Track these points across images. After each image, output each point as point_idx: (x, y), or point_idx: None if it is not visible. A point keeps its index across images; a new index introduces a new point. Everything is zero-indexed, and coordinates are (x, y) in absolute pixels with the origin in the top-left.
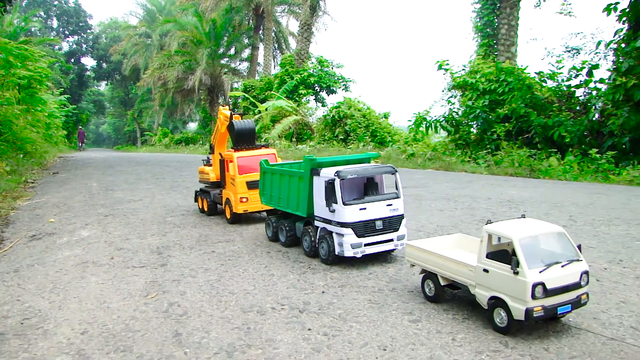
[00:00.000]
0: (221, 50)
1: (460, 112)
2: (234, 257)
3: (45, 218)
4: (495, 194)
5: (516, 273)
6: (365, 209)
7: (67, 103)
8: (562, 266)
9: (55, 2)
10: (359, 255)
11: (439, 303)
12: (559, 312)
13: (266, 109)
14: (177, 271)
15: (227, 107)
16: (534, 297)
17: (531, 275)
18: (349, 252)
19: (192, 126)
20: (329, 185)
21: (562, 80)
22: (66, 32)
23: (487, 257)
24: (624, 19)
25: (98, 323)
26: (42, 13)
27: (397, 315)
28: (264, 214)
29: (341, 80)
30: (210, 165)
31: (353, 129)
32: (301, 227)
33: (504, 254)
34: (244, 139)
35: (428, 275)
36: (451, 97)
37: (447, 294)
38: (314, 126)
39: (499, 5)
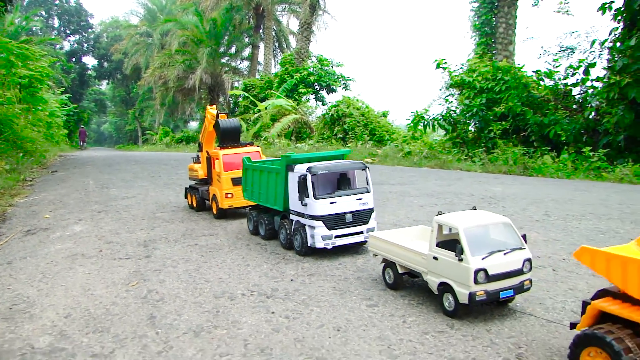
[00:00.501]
0: (222, 49)
1: (458, 111)
2: (215, 249)
3: (40, 214)
4: (479, 190)
5: (460, 260)
6: (335, 202)
7: (68, 102)
8: (505, 254)
9: (57, 2)
10: (329, 247)
11: (398, 290)
12: (501, 297)
13: (266, 108)
14: (159, 262)
15: (214, 106)
16: (476, 282)
17: (474, 262)
18: (320, 244)
19: (193, 125)
20: (302, 180)
21: (559, 79)
22: (67, 32)
23: (437, 246)
24: (619, 17)
25: (81, 308)
26: (43, 12)
27: (357, 301)
28: (249, 209)
29: (341, 79)
30: (199, 162)
31: (352, 127)
32: (279, 220)
33: (454, 243)
34: (229, 137)
35: (388, 264)
36: (449, 95)
37: (407, 281)
38: (313, 125)
39: (497, 4)
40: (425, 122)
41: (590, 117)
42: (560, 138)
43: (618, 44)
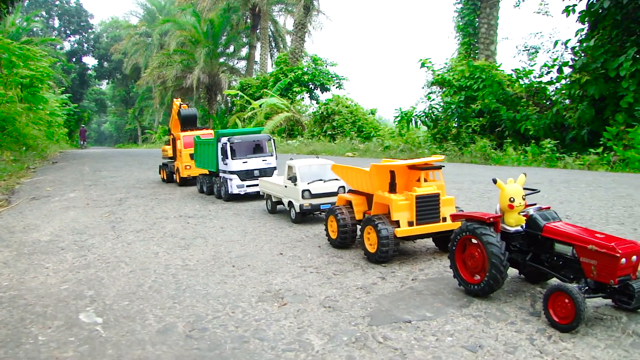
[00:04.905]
0: (219, 49)
1: (440, 108)
2: (169, 200)
3: (43, 188)
4: None
5: (295, 185)
6: (246, 162)
7: (69, 102)
8: (325, 182)
9: (57, 2)
10: (242, 192)
11: (273, 214)
12: (321, 208)
13: (260, 106)
14: (127, 206)
15: (179, 99)
16: (303, 197)
17: (301, 185)
18: (235, 190)
19: None
20: (224, 147)
21: (535, 77)
22: (67, 32)
23: (288, 179)
24: (585, 19)
25: (70, 226)
26: (43, 13)
27: (243, 218)
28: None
29: (335, 78)
30: (169, 144)
31: (340, 124)
32: (214, 179)
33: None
34: (188, 122)
35: (267, 196)
36: (430, 93)
37: (280, 210)
38: (305, 122)
39: (479, 5)
40: (408, 119)
41: (558, 113)
42: (529, 133)
43: (585, 44)
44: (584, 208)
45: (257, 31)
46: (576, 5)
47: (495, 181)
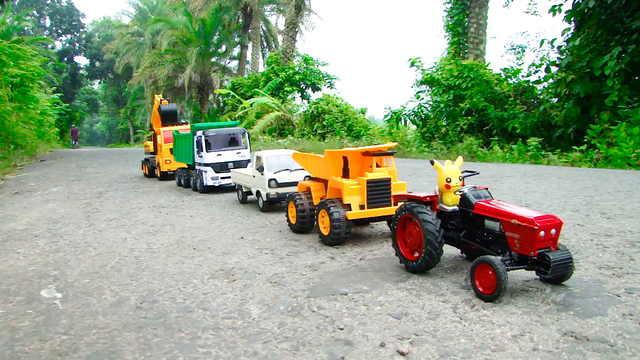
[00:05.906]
0: (211, 48)
1: (429, 107)
2: (146, 192)
3: (27, 183)
4: None
5: (262, 174)
6: (220, 155)
7: (60, 101)
8: (291, 171)
9: (48, 1)
10: (217, 184)
11: (244, 204)
12: (287, 196)
13: (251, 105)
14: (105, 198)
15: (160, 95)
16: (270, 186)
17: (268, 175)
18: (210, 182)
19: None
20: (199, 139)
21: (523, 76)
22: (59, 31)
23: (256, 169)
24: (572, 19)
25: (46, 217)
26: (35, 12)
27: (215, 208)
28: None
29: (326, 78)
30: (152, 140)
31: (330, 123)
32: (190, 172)
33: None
34: (168, 117)
35: (238, 187)
36: (420, 92)
37: (250, 200)
38: (296, 122)
39: (468, 5)
40: (398, 118)
41: (545, 111)
42: (516, 131)
43: (570, 44)
44: (546, 197)
45: (249, 31)
46: (562, 5)
47: (432, 162)
